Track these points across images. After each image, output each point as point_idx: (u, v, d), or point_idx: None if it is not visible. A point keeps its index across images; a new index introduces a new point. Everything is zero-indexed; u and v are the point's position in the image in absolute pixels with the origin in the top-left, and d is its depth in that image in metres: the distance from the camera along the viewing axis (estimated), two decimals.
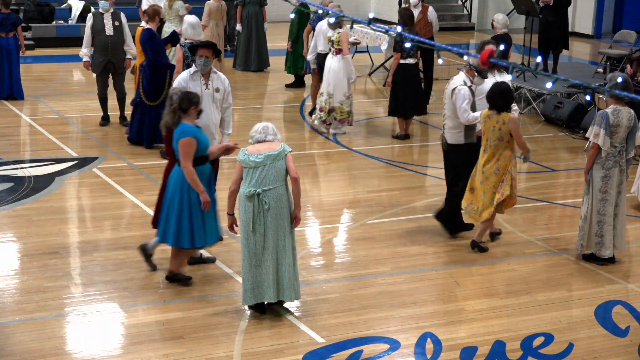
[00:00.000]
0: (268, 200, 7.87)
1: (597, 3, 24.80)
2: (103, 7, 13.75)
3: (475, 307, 8.54)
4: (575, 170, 13.12)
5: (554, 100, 15.52)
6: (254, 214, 7.89)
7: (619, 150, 9.38)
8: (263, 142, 7.98)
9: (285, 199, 7.97)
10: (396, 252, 9.76)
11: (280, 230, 7.96)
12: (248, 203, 7.91)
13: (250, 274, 8.00)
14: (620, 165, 9.40)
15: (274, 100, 16.66)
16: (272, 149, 7.93)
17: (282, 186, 7.95)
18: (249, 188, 7.91)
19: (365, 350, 7.67)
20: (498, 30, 14.00)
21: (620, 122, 9.29)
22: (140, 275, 8.92)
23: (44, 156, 12.58)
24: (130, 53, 14.00)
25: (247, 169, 7.94)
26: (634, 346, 7.94)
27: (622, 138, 9.37)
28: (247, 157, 7.93)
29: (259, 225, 7.90)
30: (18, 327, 7.76)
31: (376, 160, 13.09)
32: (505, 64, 5.89)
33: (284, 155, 7.95)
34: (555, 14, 17.34)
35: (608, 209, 9.43)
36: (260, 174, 7.89)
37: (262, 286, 8.00)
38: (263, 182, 7.89)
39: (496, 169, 9.54)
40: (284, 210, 7.96)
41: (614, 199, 9.43)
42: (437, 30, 16.28)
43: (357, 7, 26.00)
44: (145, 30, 12.76)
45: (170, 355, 7.47)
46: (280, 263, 8.00)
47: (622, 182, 9.48)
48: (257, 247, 7.94)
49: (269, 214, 7.90)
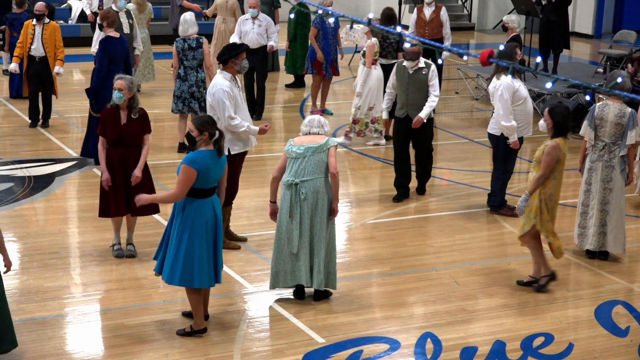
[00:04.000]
0: (305, 191, 8.17)
1: (597, 3, 24.79)
2: (120, 6, 13.85)
3: (475, 307, 8.55)
4: (575, 170, 13.10)
5: (554, 100, 15.51)
6: (291, 203, 8.20)
7: (605, 144, 9.48)
8: (308, 135, 8.29)
9: (323, 191, 8.22)
10: (396, 252, 9.76)
11: (315, 221, 8.23)
12: (287, 192, 8.25)
13: (284, 260, 8.30)
14: (606, 160, 9.49)
15: (274, 100, 16.65)
16: (315, 142, 8.24)
17: (320, 178, 8.21)
18: (288, 177, 8.25)
19: (365, 350, 7.67)
20: (514, 31, 13.94)
21: (605, 116, 9.43)
22: (140, 275, 8.92)
23: (44, 156, 12.58)
24: (138, 49, 14.42)
25: (290, 159, 8.27)
26: (634, 346, 7.94)
27: (610, 134, 9.46)
28: (290, 148, 8.29)
29: (295, 214, 8.20)
30: (18, 327, 7.75)
31: (376, 160, 13.09)
32: (506, 64, 5.88)
33: (326, 149, 8.22)
34: (555, 14, 17.35)
35: (591, 202, 9.61)
36: (300, 165, 8.21)
37: (299, 271, 8.28)
38: (302, 173, 8.20)
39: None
40: (320, 202, 8.21)
41: (599, 193, 9.55)
42: (448, 33, 15.57)
43: (357, 7, 25.99)
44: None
45: (170, 355, 7.47)
46: (315, 252, 8.26)
47: (612, 179, 9.51)
48: (294, 235, 8.23)
49: (305, 204, 8.20)
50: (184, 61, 12.58)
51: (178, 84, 12.66)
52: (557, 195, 8.80)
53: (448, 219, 10.83)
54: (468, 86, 17.59)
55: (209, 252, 7.63)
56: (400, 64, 11.28)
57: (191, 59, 12.58)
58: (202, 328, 7.80)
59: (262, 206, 11.05)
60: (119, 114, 9.08)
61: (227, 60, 9.14)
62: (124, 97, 9.00)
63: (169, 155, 12.83)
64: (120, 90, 8.98)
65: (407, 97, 11.16)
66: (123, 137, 9.05)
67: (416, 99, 11.11)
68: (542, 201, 8.70)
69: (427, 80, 11.09)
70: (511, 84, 10.41)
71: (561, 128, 8.67)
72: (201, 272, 7.58)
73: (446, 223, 10.69)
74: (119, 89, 8.99)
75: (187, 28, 12.60)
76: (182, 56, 12.60)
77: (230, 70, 9.17)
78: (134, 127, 9.10)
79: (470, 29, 26.09)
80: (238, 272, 8.99)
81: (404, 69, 11.18)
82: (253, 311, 8.34)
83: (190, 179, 7.49)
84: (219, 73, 9.22)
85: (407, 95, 11.15)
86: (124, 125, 9.06)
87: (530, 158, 13.34)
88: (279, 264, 8.35)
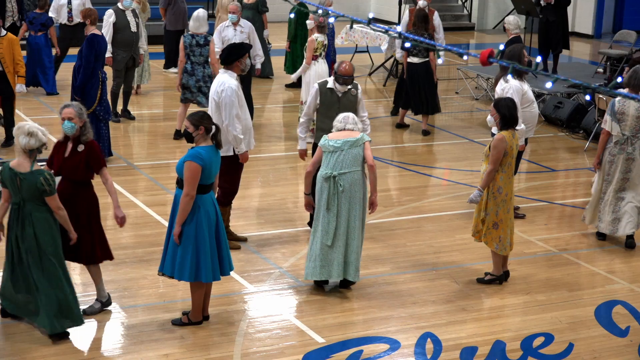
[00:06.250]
0: (343, 183, 8.42)
1: (597, 3, 24.79)
2: (126, 5, 13.90)
3: (475, 307, 8.55)
4: (574, 170, 13.13)
5: (554, 100, 15.52)
6: (329, 195, 8.43)
7: (627, 138, 9.78)
8: (343, 130, 8.54)
9: (360, 184, 8.49)
10: (396, 252, 9.76)
11: (352, 213, 8.47)
12: (324, 184, 8.46)
13: (322, 252, 8.49)
14: (628, 153, 9.82)
15: (274, 100, 16.66)
16: (351, 136, 8.52)
17: (357, 171, 8.48)
18: (326, 170, 8.47)
19: (365, 350, 7.67)
20: (511, 32, 13.97)
21: (626, 110, 9.72)
22: (140, 275, 8.92)
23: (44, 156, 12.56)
24: (143, 49, 14.55)
25: (326, 153, 8.51)
26: (634, 346, 7.94)
27: (631, 127, 9.76)
28: (327, 142, 8.52)
29: (332, 206, 8.43)
30: (18, 327, 7.75)
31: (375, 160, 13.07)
32: (506, 64, 5.88)
33: (361, 143, 8.51)
34: (555, 14, 17.36)
35: (608, 189, 9.99)
36: (338, 158, 8.45)
37: (332, 264, 8.48)
38: (340, 166, 8.44)
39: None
40: (357, 194, 8.48)
41: (618, 182, 9.92)
42: (441, 38, 15.57)
43: (357, 7, 25.99)
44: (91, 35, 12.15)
45: (170, 355, 7.47)
46: (349, 244, 8.50)
47: (630, 170, 9.88)
48: (330, 226, 8.44)
49: (343, 196, 8.43)
50: (191, 57, 13.02)
51: (185, 78, 13.04)
52: (507, 189, 8.72)
53: (448, 219, 10.83)
54: (468, 86, 17.60)
55: (212, 246, 7.73)
56: (324, 87, 9.68)
57: (198, 55, 12.99)
58: (198, 320, 7.91)
59: (262, 206, 11.07)
60: (66, 145, 7.92)
61: (233, 60, 9.16)
62: (76, 125, 7.76)
63: (167, 156, 12.84)
64: (70, 119, 7.74)
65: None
66: (62, 172, 7.88)
67: None
68: (489, 194, 8.73)
69: (357, 101, 9.74)
70: (520, 86, 10.32)
71: (507, 121, 8.71)
72: (207, 267, 7.69)
73: (446, 223, 10.69)
74: (68, 117, 7.73)
75: (198, 25, 13.00)
76: (189, 51, 12.99)
77: (236, 70, 9.20)
78: (75, 161, 7.82)
79: (470, 29, 26.09)
80: (238, 272, 8.99)
81: (332, 92, 9.64)
82: (253, 311, 8.34)
83: (196, 174, 7.55)
84: (224, 72, 9.21)
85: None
86: (66, 159, 7.88)
87: (530, 158, 13.35)
88: (312, 255, 8.54)
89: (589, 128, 14.33)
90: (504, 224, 8.75)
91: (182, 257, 7.67)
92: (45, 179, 7.41)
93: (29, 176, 7.42)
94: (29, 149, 7.46)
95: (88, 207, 7.89)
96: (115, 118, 14.04)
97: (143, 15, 15.93)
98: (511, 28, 13.99)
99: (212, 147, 7.72)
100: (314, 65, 13.25)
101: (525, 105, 10.36)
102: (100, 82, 11.84)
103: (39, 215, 7.48)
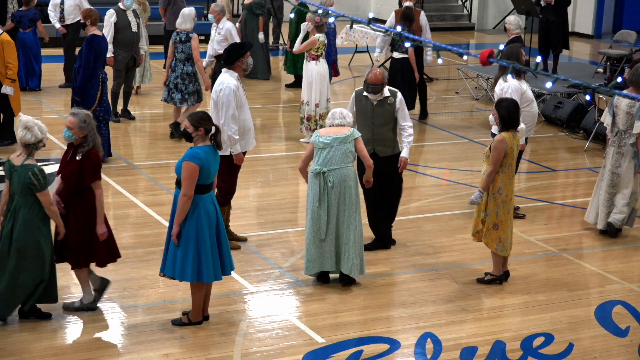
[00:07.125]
0: (332, 180, 8.51)
1: (597, 3, 24.79)
2: (127, 5, 13.91)
3: (475, 307, 8.54)
4: (574, 170, 13.13)
5: (554, 100, 15.52)
6: (319, 191, 8.53)
7: (618, 131, 10.11)
8: (332, 126, 8.64)
9: (350, 179, 8.58)
10: (396, 253, 9.76)
11: (342, 208, 8.57)
12: (314, 180, 8.58)
13: (314, 246, 8.62)
14: (617, 147, 10.13)
15: (274, 100, 16.65)
16: (341, 133, 8.58)
17: (346, 167, 8.57)
18: (315, 166, 8.58)
19: (365, 350, 7.67)
20: (512, 32, 13.97)
21: (619, 104, 10.06)
22: (140, 275, 8.92)
23: (44, 156, 12.57)
24: (144, 49, 14.66)
25: (317, 149, 8.60)
26: (634, 346, 7.94)
27: (622, 122, 10.03)
28: (317, 138, 8.62)
29: (323, 202, 8.54)
30: (18, 327, 7.75)
31: None
32: (506, 63, 5.88)
33: (352, 140, 8.59)
34: (555, 14, 17.35)
35: (600, 184, 10.32)
36: (327, 154, 8.54)
37: (324, 257, 8.63)
38: (329, 162, 8.53)
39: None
40: (348, 190, 8.55)
41: (608, 178, 10.19)
42: (428, 36, 15.34)
43: (357, 7, 25.98)
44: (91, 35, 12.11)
45: (170, 355, 7.47)
46: (341, 237, 8.61)
47: (620, 166, 10.11)
48: (322, 221, 8.56)
49: (333, 192, 8.53)
50: (175, 53, 13.21)
51: (171, 75, 13.29)
52: (507, 189, 8.70)
53: (448, 219, 10.83)
54: (468, 86, 17.59)
55: (213, 246, 7.74)
56: (360, 94, 9.46)
57: (180, 52, 13.17)
58: (198, 320, 7.92)
59: (262, 206, 11.07)
60: (70, 150, 7.95)
61: (234, 60, 9.16)
62: (74, 136, 7.76)
63: (167, 156, 12.84)
64: (70, 128, 7.75)
65: (372, 132, 9.38)
66: (61, 175, 7.96)
67: (383, 133, 9.43)
68: (490, 195, 8.72)
69: (394, 110, 9.43)
70: (519, 86, 10.33)
71: (507, 122, 8.69)
72: (208, 267, 7.70)
73: (446, 223, 10.68)
74: (68, 126, 7.75)
75: (182, 22, 13.22)
76: (174, 48, 13.24)
77: (237, 70, 9.20)
78: (71, 168, 7.82)
79: (470, 29, 26.09)
80: (238, 272, 8.98)
81: (366, 99, 9.41)
82: (253, 311, 8.34)
83: (194, 174, 7.55)
84: (225, 72, 9.22)
85: (372, 130, 9.39)
86: (66, 163, 7.92)
87: (530, 158, 13.35)
88: (310, 251, 8.65)
89: (589, 128, 14.33)
90: (504, 224, 8.75)
91: (183, 258, 7.67)
92: (34, 173, 7.51)
93: (20, 169, 7.57)
94: (24, 142, 7.61)
95: (76, 215, 7.84)
96: (115, 118, 14.04)
97: (144, 16, 15.94)
98: (512, 28, 13.97)
99: (211, 146, 7.72)
100: (315, 65, 13.23)
101: (524, 104, 10.36)
102: (101, 82, 11.85)
103: (25, 214, 7.60)
